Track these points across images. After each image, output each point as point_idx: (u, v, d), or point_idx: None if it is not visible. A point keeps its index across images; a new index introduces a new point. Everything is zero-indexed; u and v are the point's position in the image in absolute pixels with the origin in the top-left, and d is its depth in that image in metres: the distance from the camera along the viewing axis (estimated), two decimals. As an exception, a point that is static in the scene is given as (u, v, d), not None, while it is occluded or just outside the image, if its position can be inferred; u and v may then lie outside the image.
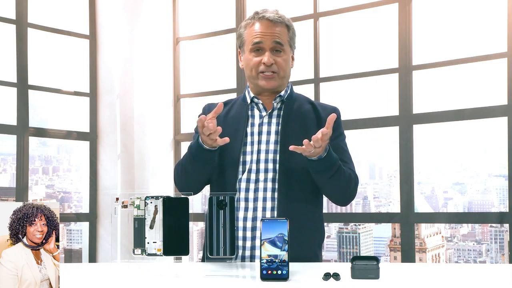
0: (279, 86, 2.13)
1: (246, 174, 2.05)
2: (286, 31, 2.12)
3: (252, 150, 2.07)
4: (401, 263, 3.36)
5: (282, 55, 2.10)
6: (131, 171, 4.68)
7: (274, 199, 2.02)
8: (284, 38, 2.11)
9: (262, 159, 2.06)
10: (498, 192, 4.17)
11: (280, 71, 2.10)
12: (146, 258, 1.71)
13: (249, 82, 2.17)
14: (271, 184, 2.03)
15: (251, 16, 2.14)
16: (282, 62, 2.10)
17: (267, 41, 2.08)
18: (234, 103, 2.20)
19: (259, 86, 2.12)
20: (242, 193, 2.04)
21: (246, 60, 2.13)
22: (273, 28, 2.09)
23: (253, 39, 2.10)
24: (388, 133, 4.14)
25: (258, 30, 2.09)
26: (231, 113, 2.14)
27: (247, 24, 2.14)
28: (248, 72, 2.14)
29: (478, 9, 3.99)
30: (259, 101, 2.14)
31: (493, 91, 3.85)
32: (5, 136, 4.35)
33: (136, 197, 1.71)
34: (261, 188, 2.03)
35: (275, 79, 2.10)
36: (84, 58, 4.71)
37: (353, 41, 4.50)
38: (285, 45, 2.11)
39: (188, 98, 4.93)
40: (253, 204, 2.03)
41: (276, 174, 2.04)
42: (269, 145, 2.07)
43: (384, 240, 4.55)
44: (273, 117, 2.12)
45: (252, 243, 2.00)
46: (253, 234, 2.01)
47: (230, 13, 4.66)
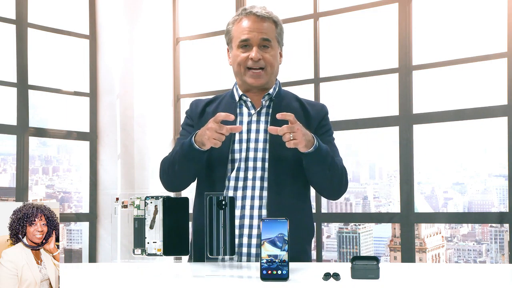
0: (267, 83, 2.13)
1: (235, 172, 2.05)
2: (273, 27, 2.12)
3: (241, 148, 2.07)
4: (401, 263, 3.36)
5: (269, 51, 2.10)
6: (131, 171, 4.68)
7: (262, 197, 2.03)
8: (272, 34, 2.11)
9: (251, 157, 2.06)
10: (498, 192, 4.17)
11: (268, 67, 2.10)
12: (146, 258, 1.71)
13: (237, 78, 2.18)
14: (259, 182, 2.04)
15: (239, 12, 2.14)
16: (270, 57, 2.10)
17: (255, 37, 2.08)
18: (222, 100, 2.20)
19: (247, 83, 2.12)
20: (230, 191, 2.04)
21: (234, 56, 2.14)
22: (260, 24, 2.09)
23: (240, 35, 2.10)
24: (388, 133, 4.14)
25: (245, 26, 2.10)
26: (219, 110, 2.13)
27: (234, 20, 2.14)
28: (235, 68, 2.15)
29: (478, 9, 3.99)
30: (248, 99, 2.14)
31: (493, 91, 3.85)
32: (5, 136, 4.35)
33: (136, 197, 1.71)
34: (249, 186, 2.04)
35: (263, 77, 2.10)
36: (84, 58, 4.71)
37: (353, 41, 4.49)
38: (272, 41, 2.11)
39: (188, 98, 4.92)
40: (241, 202, 2.03)
41: (265, 172, 2.04)
42: (258, 143, 2.08)
43: (384, 240, 4.55)
44: (262, 115, 2.12)
45: (239, 241, 2.00)
46: (240, 232, 2.01)
47: (230, 13, 4.66)
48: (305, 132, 1.91)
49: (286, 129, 1.87)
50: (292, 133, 1.87)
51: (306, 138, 1.90)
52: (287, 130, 1.87)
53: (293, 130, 1.87)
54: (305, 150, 1.92)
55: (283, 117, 1.89)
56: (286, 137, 1.88)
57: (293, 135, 1.87)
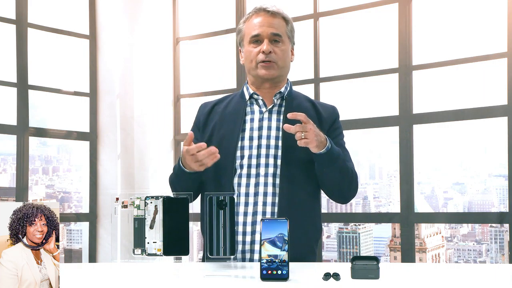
0: (278, 76, 2.13)
1: (246, 169, 2.05)
2: (284, 23, 2.14)
3: (252, 145, 2.08)
4: (401, 263, 3.36)
5: (280, 46, 2.12)
6: (131, 171, 4.68)
7: (275, 194, 2.03)
8: (282, 29, 2.13)
9: (263, 154, 2.06)
10: (498, 192, 4.17)
11: (279, 61, 2.11)
12: (146, 258, 1.70)
13: (249, 75, 2.18)
14: (271, 179, 2.04)
15: (250, 11, 2.17)
16: (280, 52, 2.11)
17: (265, 32, 2.10)
18: (231, 99, 2.20)
19: (259, 76, 2.12)
20: (242, 188, 2.05)
21: (246, 53, 2.15)
22: (271, 20, 2.11)
23: (251, 31, 2.12)
24: (388, 133, 4.14)
25: (256, 22, 2.12)
26: (228, 109, 2.15)
27: (246, 19, 2.17)
28: (248, 64, 2.15)
29: (478, 9, 3.99)
30: (259, 97, 2.15)
31: (493, 91, 3.85)
32: (5, 136, 4.35)
33: (136, 197, 1.71)
34: (261, 183, 2.04)
35: (274, 68, 2.11)
36: (84, 58, 4.71)
37: (353, 41, 4.50)
38: (283, 36, 2.12)
39: (188, 98, 4.93)
40: (253, 198, 2.03)
41: (277, 169, 2.04)
42: (269, 140, 2.08)
43: (384, 240, 4.55)
44: (273, 113, 2.13)
45: (252, 238, 2.01)
46: (253, 228, 2.01)
47: (230, 13, 4.66)
48: (318, 132, 1.92)
49: (298, 127, 1.89)
50: (304, 133, 1.88)
51: (318, 139, 1.91)
52: (299, 129, 1.88)
53: (306, 130, 1.88)
54: (316, 151, 1.93)
55: (293, 116, 1.90)
56: (297, 136, 1.89)
57: (305, 135, 1.88)
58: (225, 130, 2.09)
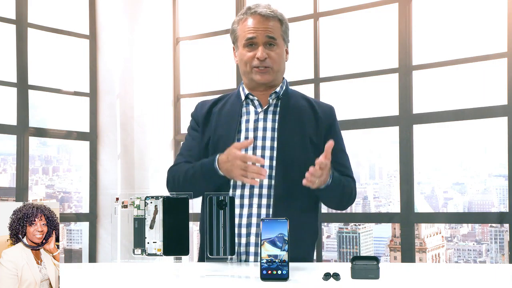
0: (274, 80, 2.13)
1: None
2: (279, 25, 2.13)
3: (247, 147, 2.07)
4: (401, 263, 3.36)
5: (275, 49, 2.11)
6: (131, 171, 4.68)
7: (270, 196, 2.02)
8: (277, 32, 2.12)
9: (258, 155, 2.05)
10: (498, 192, 4.17)
11: (274, 66, 2.11)
12: (146, 258, 1.70)
13: (244, 77, 2.18)
14: (267, 180, 2.03)
15: (244, 12, 2.15)
16: (276, 56, 2.10)
17: (260, 36, 2.09)
18: (228, 99, 2.20)
19: (254, 80, 2.12)
20: (238, 189, 2.04)
21: (240, 55, 2.15)
22: (265, 23, 2.10)
23: (246, 35, 2.11)
24: (388, 133, 4.14)
25: (251, 25, 2.10)
26: (225, 109, 2.15)
27: (239, 19, 2.15)
28: (242, 67, 2.15)
29: (478, 9, 3.99)
30: (255, 98, 2.14)
31: (493, 91, 3.85)
32: (5, 136, 4.35)
33: (136, 197, 1.71)
34: (257, 185, 2.02)
35: (269, 73, 2.11)
36: (84, 58, 4.71)
37: (353, 41, 4.50)
38: (278, 39, 2.11)
39: (188, 98, 4.93)
40: (248, 200, 2.03)
41: (272, 170, 2.03)
42: (265, 141, 2.08)
43: (384, 240, 4.56)
44: (269, 113, 2.12)
45: (247, 240, 2.00)
46: (248, 231, 2.01)
47: (230, 13, 4.66)
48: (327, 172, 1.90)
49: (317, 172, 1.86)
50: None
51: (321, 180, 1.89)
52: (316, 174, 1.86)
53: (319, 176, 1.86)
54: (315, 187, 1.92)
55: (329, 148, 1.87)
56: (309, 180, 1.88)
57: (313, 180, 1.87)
58: (221, 132, 2.09)
